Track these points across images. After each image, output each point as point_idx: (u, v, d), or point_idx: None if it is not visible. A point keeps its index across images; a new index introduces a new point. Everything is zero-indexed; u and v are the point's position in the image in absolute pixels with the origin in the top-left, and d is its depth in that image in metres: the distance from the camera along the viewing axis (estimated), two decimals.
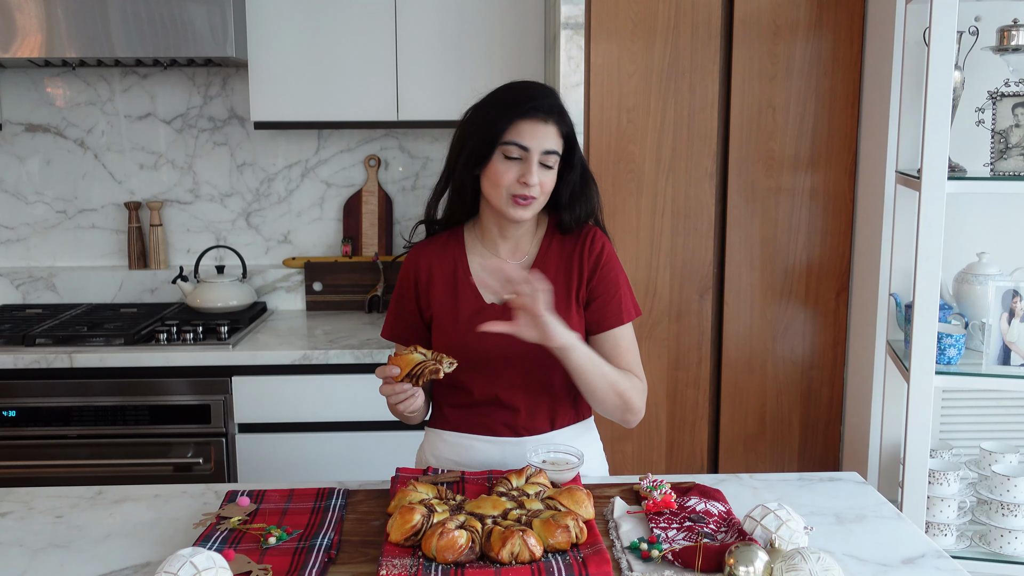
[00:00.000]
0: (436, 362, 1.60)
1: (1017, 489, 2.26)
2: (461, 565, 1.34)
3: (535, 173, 1.67)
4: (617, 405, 1.74)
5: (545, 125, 1.69)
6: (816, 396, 2.79)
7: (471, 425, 1.79)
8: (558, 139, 1.71)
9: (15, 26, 2.68)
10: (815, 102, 2.67)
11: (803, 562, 1.27)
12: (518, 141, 1.67)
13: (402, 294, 1.83)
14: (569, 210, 1.78)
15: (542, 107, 1.69)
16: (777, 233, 2.72)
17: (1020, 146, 2.22)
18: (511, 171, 1.68)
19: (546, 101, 1.70)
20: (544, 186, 1.70)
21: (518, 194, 1.68)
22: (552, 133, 1.70)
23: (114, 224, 3.23)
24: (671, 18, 2.62)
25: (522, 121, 1.68)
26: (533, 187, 1.68)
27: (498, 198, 1.71)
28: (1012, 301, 2.23)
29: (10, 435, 2.61)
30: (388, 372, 1.61)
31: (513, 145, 1.67)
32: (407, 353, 1.62)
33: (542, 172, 1.69)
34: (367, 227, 3.22)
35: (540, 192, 1.70)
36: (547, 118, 1.69)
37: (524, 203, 1.69)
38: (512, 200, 1.69)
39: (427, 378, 1.60)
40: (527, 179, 1.67)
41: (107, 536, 1.53)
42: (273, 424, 2.65)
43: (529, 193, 1.68)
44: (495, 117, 1.70)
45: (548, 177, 1.70)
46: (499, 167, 1.69)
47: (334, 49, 2.85)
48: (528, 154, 1.68)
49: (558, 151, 1.71)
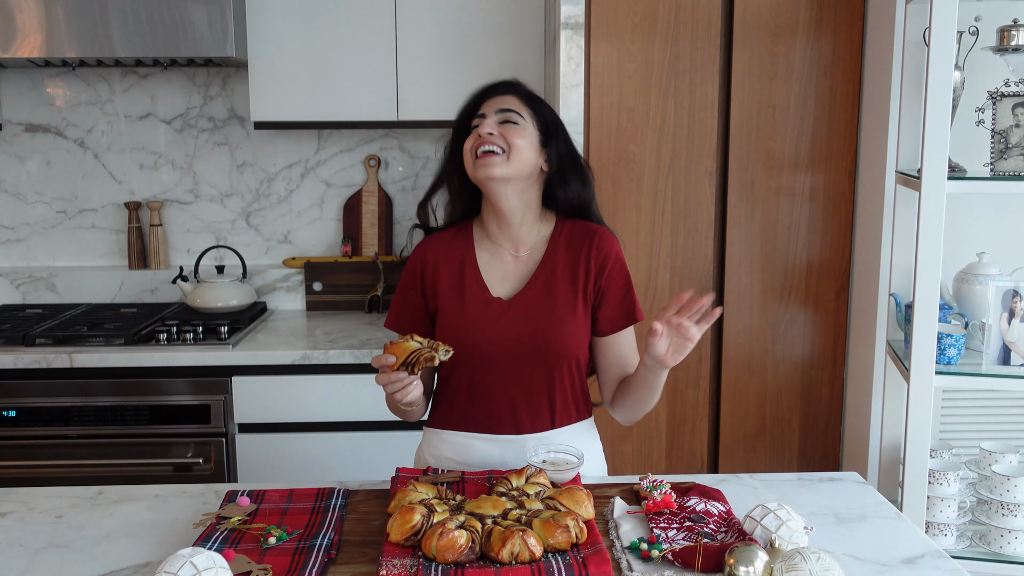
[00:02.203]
0: (432, 349, 1.58)
1: (1017, 489, 2.26)
2: (461, 565, 1.34)
3: (490, 124, 1.73)
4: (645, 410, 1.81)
5: (502, 96, 1.78)
6: (816, 396, 2.79)
7: (471, 423, 1.79)
8: (518, 103, 1.78)
9: (15, 26, 2.68)
10: (815, 102, 2.67)
11: (803, 562, 1.27)
12: (477, 114, 1.77)
13: (408, 285, 1.84)
14: (562, 190, 1.81)
15: (498, 87, 1.81)
16: (777, 233, 2.72)
17: (1020, 146, 2.22)
18: (472, 136, 1.75)
19: (503, 84, 1.82)
20: (508, 137, 1.72)
21: (478, 146, 1.72)
22: (510, 99, 1.78)
23: (114, 224, 3.23)
24: (671, 18, 2.62)
25: (484, 102, 1.79)
26: (489, 136, 1.71)
27: (470, 168, 1.75)
28: (1012, 301, 2.23)
29: (10, 435, 2.61)
30: (384, 360, 1.59)
31: (475, 119, 1.77)
32: (403, 341, 1.61)
33: (504, 127, 1.74)
34: (367, 227, 3.22)
35: (505, 145, 1.72)
36: (503, 91, 1.79)
37: (484, 155, 1.72)
38: (477, 160, 1.73)
39: (423, 366, 1.57)
40: (481, 130, 1.73)
41: (107, 536, 1.53)
42: (273, 424, 2.65)
43: (487, 141, 1.71)
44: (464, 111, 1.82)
45: (512, 131, 1.74)
46: (467, 140, 1.77)
47: (334, 49, 2.85)
48: (484, 118, 1.75)
49: (516, 110, 1.76)
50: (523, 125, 1.74)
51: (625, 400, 1.80)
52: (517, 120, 1.74)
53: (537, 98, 1.81)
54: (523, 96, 1.79)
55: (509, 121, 1.74)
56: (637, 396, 1.76)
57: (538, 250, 1.80)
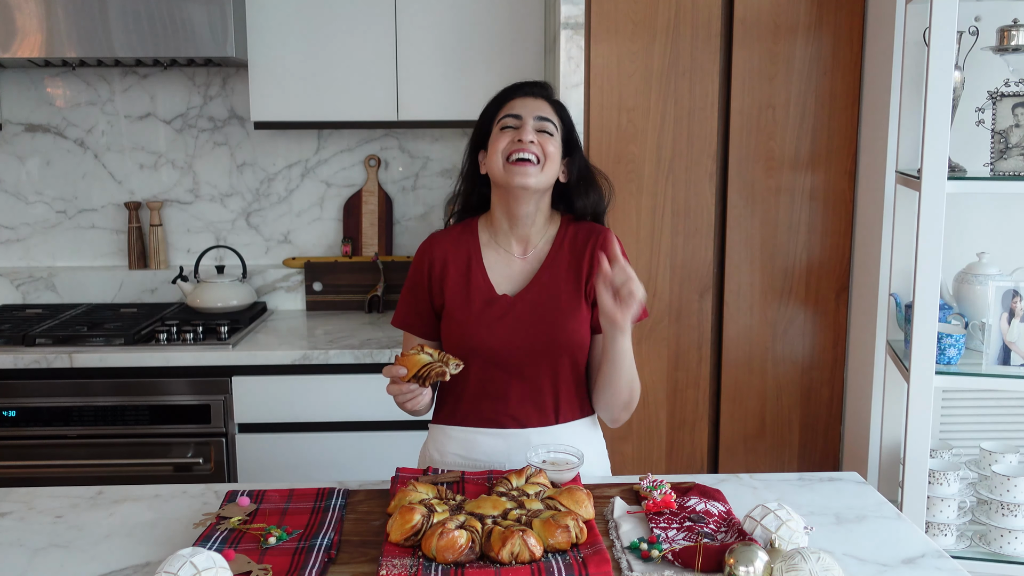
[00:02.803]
0: (443, 363, 1.64)
1: (1017, 489, 2.26)
2: (461, 565, 1.34)
3: (530, 131, 1.72)
4: (624, 401, 1.78)
5: (536, 100, 1.78)
6: (816, 396, 2.78)
7: (477, 418, 1.80)
8: (552, 112, 1.78)
9: (15, 26, 2.68)
10: (815, 102, 2.67)
11: (803, 562, 1.27)
12: (510, 112, 1.76)
13: (415, 283, 1.85)
14: (582, 196, 1.82)
15: (531, 86, 1.81)
16: (777, 233, 2.72)
17: (1020, 146, 2.22)
18: (506, 137, 1.74)
19: (536, 85, 1.82)
20: (545, 149, 1.73)
21: (515, 152, 1.71)
22: (544, 105, 1.78)
23: (114, 224, 3.23)
24: (671, 18, 2.62)
25: (514, 99, 1.78)
26: (529, 144, 1.71)
27: (498, 169, 1.73)
28: (1012, 301, 2.23)
29: (10, 435, 2.61)
30: (395, 372, 1.64)
31: (507, 116, 1.76)
32: (414, 354, 1.65)
33: (541, 136, 1.73)
34: (367, 227, 3.22)
35: (541, 153, 1.72)
36: (537, 94, 1.79)
37: (523, 164, 1.71)
38: (511, 166, 1.72)
39: (433, 379, 1.63)
40: (522, 135, 1.72)
41: (107, 536, 1.53)
42: (273, 424, 2.65)
43: (526, 149, 1.71)
44: (491, 105, 1.81)
45: (548, 142, 1.74)
46: (496, 138, 1.76)
47: (334, 49, 2.85)
48: (522, 120, 1.74)
49: (553, 121, 1.76)
50: (556, 136, 1.76)
51: (597, 385, 1.79)
52: (552, 131, 1.75)
53: (564, 107, 1.83)
54: (554, 104, 1.81)
55: (545, 131, 1.74)
56: (604, 373, 1.74)
57: (542, 249, 1.82)
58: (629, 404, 1.79)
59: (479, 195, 1.87)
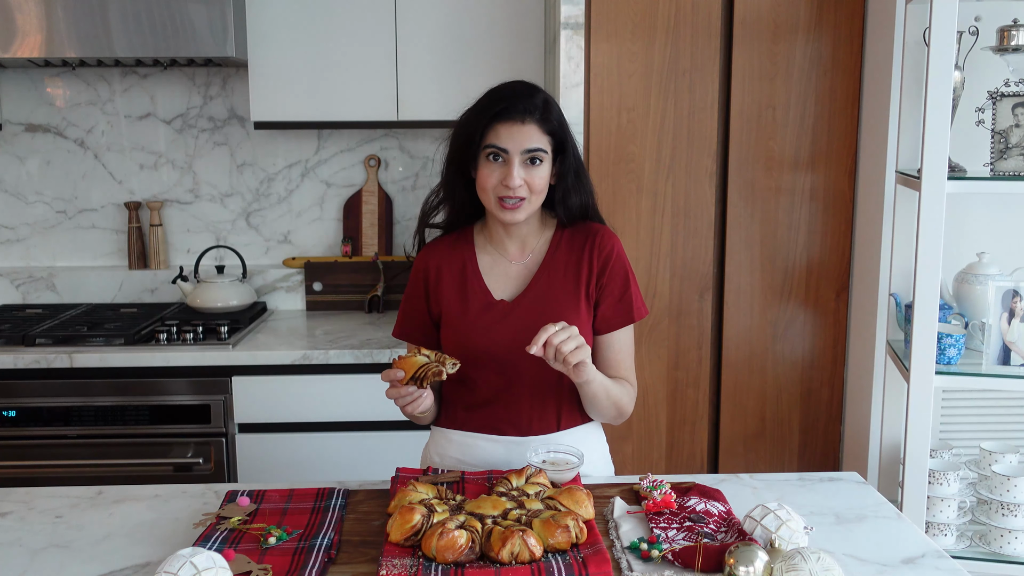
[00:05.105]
0: (439, 364, 1.63)
1: (1017, 489, 2.26)
2: (461, 565, 1.34)
3: (516, 175, 1.67)
4: (612, 415, 1.81)
5: (523, 125, 1.68)
6: (816, 396, 2.78)
7: (477, 424, 1.80)
8: (541, 135, 1.69)
9: (15, 26, 2.68)
10: (815, 102, 2.67)
11: (803, 562, 1.27)
12: (496, 144, 1.68)
13: (412, 294, 1.84)
14: (562, 204, 1.79)
15: (516, 109, 1.68)
16: (777, 233, 2.72)
17: (1020, 146, 2.22)
18: (495, 174, 1.69)
19: (521, 103, 1.69)
20: (533, 184, 1.69)
21: (503, 196, 1.69)
22: (532, 132, 1.68)
23: (114, 224, 3.23)
24: (671, 18, 2.62)
25: (499, 124, 1.68)
26: (516, 188, 1.67)
27: (488, 202, 1.72)
28: (1012, 301, 2.23)
29: (10, 435, 2.61)
30: (392, 376, 1.63)
31: (492, 148, 1.68)
32: (411, 356, 1.64)
33: (528, 170, 1.68)
34: (367, 227, 3.22)
35: (528, 191, 1.69)
36: (524, 118, 1.68)
37: (511, 206, 1.69)
38: (499, 203, 1.70)
39: (431, 380, 1.62)
40: (508, 181, 1.67)
41: (107, 536, 1.53)
42: (273, 424, 2.65)
43: (513, 194, 1.68)
44: (474, 122, 1.71)
45: (536, 175, 1.69)
46: (484, 171, 1.70)
47: (334, 49, 2.85)
48: (508, 155, 1.68)
49: (542, 147, 1.69)
50: (545, 160, 1.70)
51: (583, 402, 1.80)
52: (541, 158, 1.69)
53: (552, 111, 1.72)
54: (542, 122, 1.69)
55: (533, 161, 1.69)
56: (586, 400, 1.77)
57: (539, 252, 1.81)
58: (619, 416, 1.81)
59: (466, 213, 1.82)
